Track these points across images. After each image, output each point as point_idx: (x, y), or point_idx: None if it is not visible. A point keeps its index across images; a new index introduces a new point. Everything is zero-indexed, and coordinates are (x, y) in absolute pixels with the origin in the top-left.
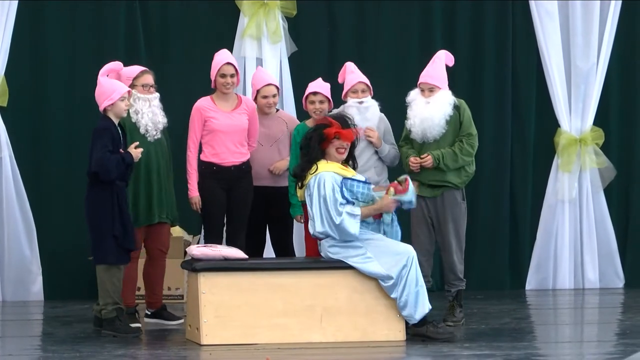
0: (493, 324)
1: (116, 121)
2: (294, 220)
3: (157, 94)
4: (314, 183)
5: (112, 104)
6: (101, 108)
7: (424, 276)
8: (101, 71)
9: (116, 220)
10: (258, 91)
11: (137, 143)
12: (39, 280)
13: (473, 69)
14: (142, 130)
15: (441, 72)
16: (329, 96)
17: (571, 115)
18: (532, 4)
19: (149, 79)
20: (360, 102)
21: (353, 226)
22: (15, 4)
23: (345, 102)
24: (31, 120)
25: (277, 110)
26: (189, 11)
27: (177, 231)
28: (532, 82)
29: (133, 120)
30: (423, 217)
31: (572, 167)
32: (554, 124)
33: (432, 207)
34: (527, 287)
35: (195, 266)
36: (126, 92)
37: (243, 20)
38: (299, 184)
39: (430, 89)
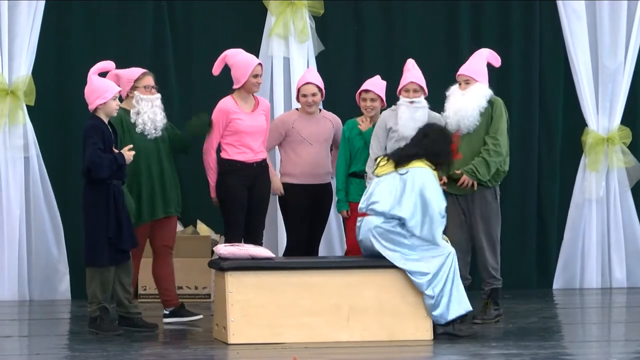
0: (520, 323)
1: (106, 120)
2: (341, 215)
3: (158, 95)
4: (421, 172)
5: (104, 103)
6: (92, 106)
7: (460, 276)
8: (93, 70)
9: (111, 221)
10: (298, 90)
11: (131, 146)
12: (66, 280)
13: (500, 68)
14: (138, 129)
15: (479, 66)
16: (382, 95)
17: (598, 114)
18: (560, 4)
19: (150, 80)
20: (411, 102)
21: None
22: (42, 4)
23: (398, 98)
24: (58, 119)
25: (320, 110)
26: (216, 10)
27: (204, 230)
28: (560, 81)
29: (132, 121)
30: (457, 216)
31: (599, 166)
32: (582, 123)
33: (464, 205)
34: (555, 286)
35: (223, 265)
36: (118, 91)
37: (270, 20)
38: (389, 161)
39: (467, 82)
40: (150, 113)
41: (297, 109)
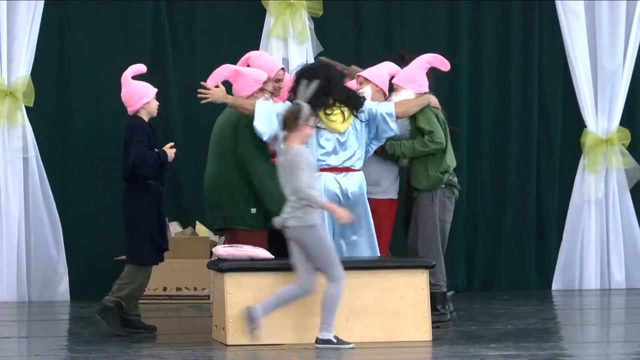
0: (519, 324)
1: (147, 119)
2: None
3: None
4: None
5: (148, 102)
6: (136, 107)
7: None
8: (128, 73)
9: (154, 221)
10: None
11: (172, 143)
12: (65, 281)
13: (499, 69)
14: None
15: (408, 72)
16: None
17: (597, 115)
18: (559, 4)
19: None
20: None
21: None
22: (41, 4)
23: None
24: (57, 120)
25: None
26: (215, 11)
27: (202, 231)
28: (559, 82)
29: None
30: (413, 216)
31: (598, 168)
32: (581, 125)
33: (414, 209)
34: (554, 287)
35: (221, 266)
36: (157, 91)
37: (269, 21)
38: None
39: (395, 90)
40: None
41: None
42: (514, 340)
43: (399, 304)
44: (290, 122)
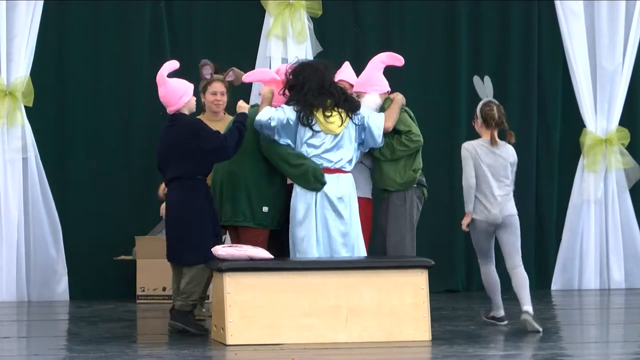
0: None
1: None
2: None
3: None
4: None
5: (189, 99)
6: (179, 106)
7: None
8: (164, 71)
9: (214, 220)
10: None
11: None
12: (64, 281)
13: (499, 69)
14: None
15: (366, 76)
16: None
17: (597, 115)
18: (558, 4)
19: None
20: None
21: None
22: (40, 4)
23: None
24: (56, 120)
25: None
26: (214, 11)
27: None
28: (558, 82)
29: None
30: (377, 219)
31: (597, 168)
32: (580, 125)
33: (379, 210)
34: (553, 287)
35: (221, 266)
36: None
37: (268, 20)
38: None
39: (358, 96)
40: None
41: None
42: (514, 340)
43: (398, 303)
44: (503, 119)
